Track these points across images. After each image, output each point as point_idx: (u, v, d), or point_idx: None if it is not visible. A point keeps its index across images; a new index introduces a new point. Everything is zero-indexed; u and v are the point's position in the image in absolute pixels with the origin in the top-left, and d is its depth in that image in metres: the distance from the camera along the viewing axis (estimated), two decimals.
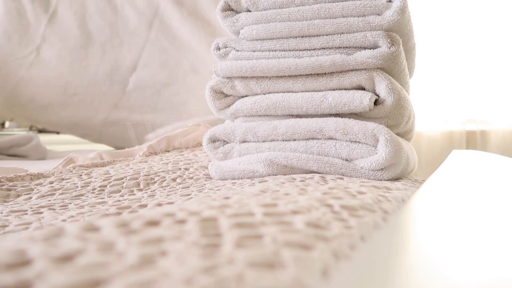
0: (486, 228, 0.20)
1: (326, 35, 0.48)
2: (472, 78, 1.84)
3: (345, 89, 0.48)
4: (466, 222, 0.22)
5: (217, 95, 0.53)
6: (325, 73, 0.48)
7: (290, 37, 0.50)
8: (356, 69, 0.46)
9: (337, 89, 0.48)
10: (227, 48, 0.53)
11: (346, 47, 0.48)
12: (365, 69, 0.46)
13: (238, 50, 0.53)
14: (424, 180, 0.48)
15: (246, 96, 0.53)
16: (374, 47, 0.47)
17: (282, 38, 0.50)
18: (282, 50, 0.50)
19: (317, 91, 0.49)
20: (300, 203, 0.27)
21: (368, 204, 0.29)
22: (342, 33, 0.48)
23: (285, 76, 0.49)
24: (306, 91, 0.49)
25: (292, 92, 0.50)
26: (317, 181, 0.39)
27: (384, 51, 0.45)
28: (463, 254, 0.16)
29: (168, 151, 0.73)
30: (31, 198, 0.45)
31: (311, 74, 0.48)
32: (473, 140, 1.87)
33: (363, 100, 0.45)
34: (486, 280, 0.14)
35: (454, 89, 1.88)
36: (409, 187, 0.42)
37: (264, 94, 0.51)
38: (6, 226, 0.33)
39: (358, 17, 0.47)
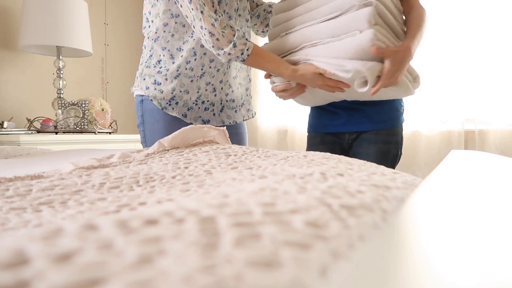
0: (485, 228, 0.21)
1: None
2: (470, 78, 1.84)
3: None
4: (464, 222, 0.22)
5: None
6: None
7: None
8: None
9: None
10: None
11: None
12: None
13: None
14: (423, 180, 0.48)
15: None
16: None
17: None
18: None
19: None
20: (299, 202, 0.27)
21: (367, 203, 0.29)
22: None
23: None
24: None
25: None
26: (316, 178, 0.39)
27: None
28: (462, 254, 0.16)
29: (168, 150, 0.73)
30: (31, 191, 0.45)
31: None
32: (472, 140, 1.87)
33: None
34: (485, 280, 0.14)
35: (453, 89, 1.88)
36: (408, 186, 0.42)
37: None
38: (5, 224, 0.33)
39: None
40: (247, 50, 1.06)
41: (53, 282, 0.15)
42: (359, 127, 1.27)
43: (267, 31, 1.38)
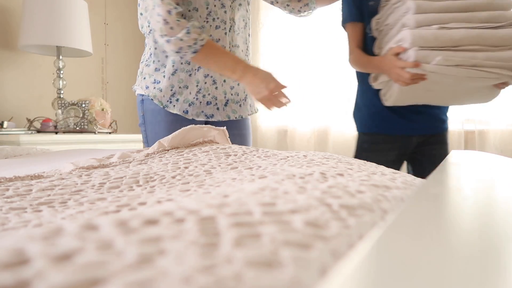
0: (484, 228, 0.21)
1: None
2: None
3: None
4: (464, 222, 0.22)
5: None
6: None
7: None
8: None
9: None
10: None
11: None
12: None
13: None
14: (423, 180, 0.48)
15: None
16: None
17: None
18: None
19: None
20: (299, 202, 0.27)
21: (367, 203, 0.29)
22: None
23: None
24: None
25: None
26: (316, 178, 0.39)
27: None
28: (461, 254, 0.16)
29: (167, 150, 0.73)
30: (31, 191, 0.45)
31: None
32: (472, 140, 1.87)
33: None
34: (484, 280, 0.14)
35: None
36: (408, 186, 0.42)
37: None
38: (5, 224, 0.33)
39: None
40: (201, 40, 1.01)
41: (53, 282, 0.15)
42: (429, 131, 1.30)
43: (305, 11, 1.32)
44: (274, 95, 1.03)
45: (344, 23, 1.33)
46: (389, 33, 1.19)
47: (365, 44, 1.30)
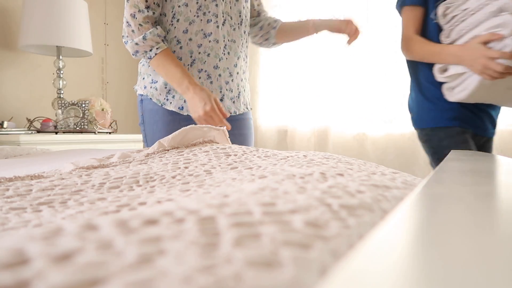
0: (484, 229, 0.21)
1: None
2: None
3: None
4: (464, 222, 0.22)
5: None
6: None
7: None
8: None
9: None
10: None
11: None
12: None
13: None
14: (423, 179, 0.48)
15: None
16: None
17: None
18: None
19: None
20: (299, 202, 0.27)
21: (367, 203, 0.29)
22: None
23: None
24: None
25: None
26: (316, 178, 0.39)
27: None
28: (461, 254, 0.16)
29: (167, 150, 0.73)
30: (31, 191, 0.45)
31: None
32: None
33: None
34: (484, 280, 0.14)
35: None
36: (408, 186, 0.42)
37: None
38: (5, 224, 0.33)
39: None
40: (157, 48, 1.07)
41: (53, 282, 0.15)
42: (488, 133, 1.22)
43: (265, 44, 1.37)
44: (209, 117, 1.05)
45: (402, 5, 1.18)
46: (468, 19, 1.05)
47: (424, 32, 1.16)
